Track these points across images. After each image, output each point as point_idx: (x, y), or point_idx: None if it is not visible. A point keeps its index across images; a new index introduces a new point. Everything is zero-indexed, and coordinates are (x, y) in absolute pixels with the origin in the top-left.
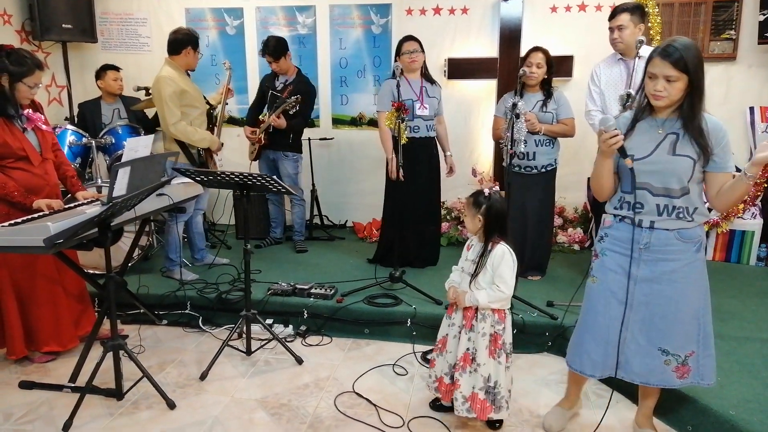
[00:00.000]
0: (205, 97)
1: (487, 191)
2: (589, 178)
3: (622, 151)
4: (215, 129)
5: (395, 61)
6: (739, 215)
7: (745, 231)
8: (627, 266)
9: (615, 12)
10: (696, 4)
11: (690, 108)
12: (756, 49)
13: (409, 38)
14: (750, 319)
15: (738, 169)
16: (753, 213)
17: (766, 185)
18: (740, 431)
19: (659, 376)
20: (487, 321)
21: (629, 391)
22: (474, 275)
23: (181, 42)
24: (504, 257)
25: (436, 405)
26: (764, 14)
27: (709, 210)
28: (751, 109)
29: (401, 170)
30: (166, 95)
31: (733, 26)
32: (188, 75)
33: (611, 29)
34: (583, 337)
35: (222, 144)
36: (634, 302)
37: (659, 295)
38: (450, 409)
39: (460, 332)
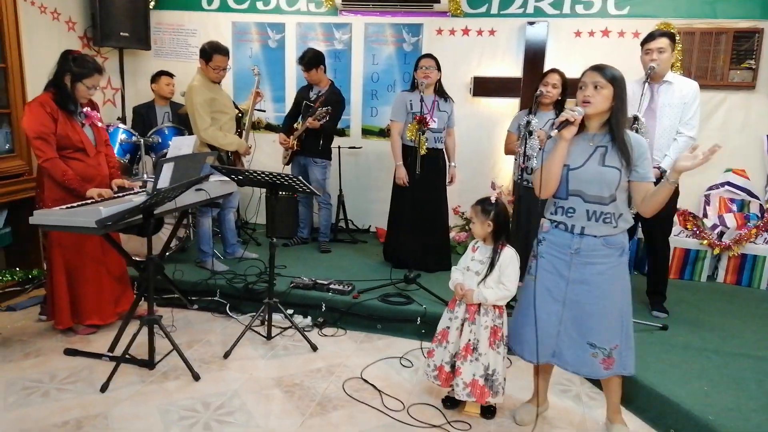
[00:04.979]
0: (235, 104)
1: (493, 198)
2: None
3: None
4: (243, 133)
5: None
6: (752, 240)
7: (757, 255)
8: (561, 269)
9: (654, 35)
10: (717, 33)
11: (617, 121)
12: None
13: (427, 56)
14: (749, 338)
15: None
16: (765, 238)
17: None
18: None
19: (588, 367)
20: (489, 315)
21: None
22: (485, 275)
23: (202, 51)
24: (512, 260)
25: (446, 404)
26: None
27: (636, 216)
28: None
29: (407, 176)
30: (197, 103)
31: (753, 56)
32: (218, 83)
33: (649, 51)
34: (524, 328)
35: (249, 147)
36: (567, 300)
37: (588, 295)
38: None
39: (462, 325)
